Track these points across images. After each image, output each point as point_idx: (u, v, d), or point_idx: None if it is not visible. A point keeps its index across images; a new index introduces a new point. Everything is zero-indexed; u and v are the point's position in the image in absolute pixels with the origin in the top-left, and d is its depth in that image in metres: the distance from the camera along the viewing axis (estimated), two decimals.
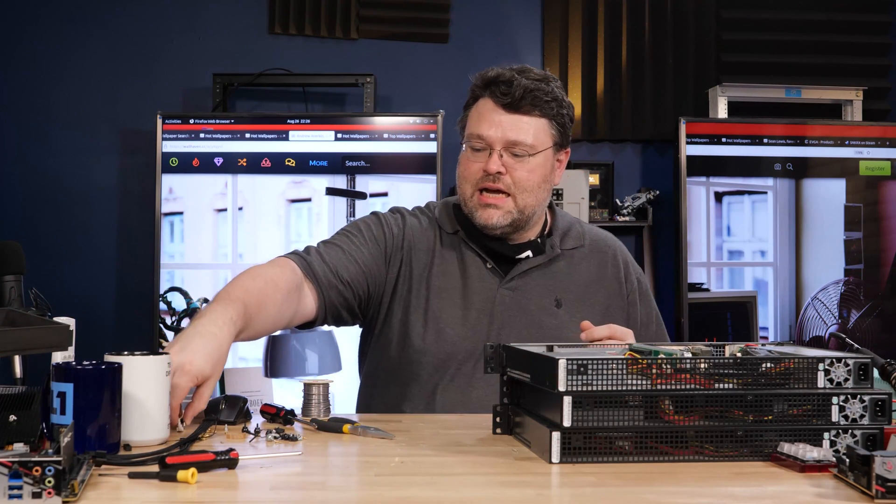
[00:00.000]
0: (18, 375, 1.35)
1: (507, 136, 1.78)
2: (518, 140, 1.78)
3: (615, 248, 1.95)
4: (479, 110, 1.82)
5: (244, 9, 4.06)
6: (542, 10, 4.13)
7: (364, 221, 1.91)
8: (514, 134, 1.78)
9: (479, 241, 1.86)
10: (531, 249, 1.86)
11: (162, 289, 3.62)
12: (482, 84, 1.82)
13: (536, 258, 1.86)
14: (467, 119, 1.85)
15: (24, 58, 4.00)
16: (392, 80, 4.02)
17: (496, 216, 1.79)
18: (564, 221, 1.94)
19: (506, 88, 1.78)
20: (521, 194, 1.79)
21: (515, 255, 1.85)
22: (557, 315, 1.83)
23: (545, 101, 1.79)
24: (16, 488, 0.93)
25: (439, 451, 1.30)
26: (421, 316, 1.82)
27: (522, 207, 1.80)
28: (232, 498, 1.03)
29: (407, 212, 1.95)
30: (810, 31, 4.15)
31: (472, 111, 1.84)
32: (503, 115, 1.78)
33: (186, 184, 3.66)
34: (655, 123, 4.09)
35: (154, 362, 1.28)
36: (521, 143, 1.78)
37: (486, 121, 1.79)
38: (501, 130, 1.78)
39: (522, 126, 1.78)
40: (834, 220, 3.78)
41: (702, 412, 1.20)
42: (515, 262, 1.85)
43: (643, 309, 1.92)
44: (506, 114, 1.78)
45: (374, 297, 1.85)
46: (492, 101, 1.80)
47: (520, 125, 1.78)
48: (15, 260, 1.51)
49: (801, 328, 3.75)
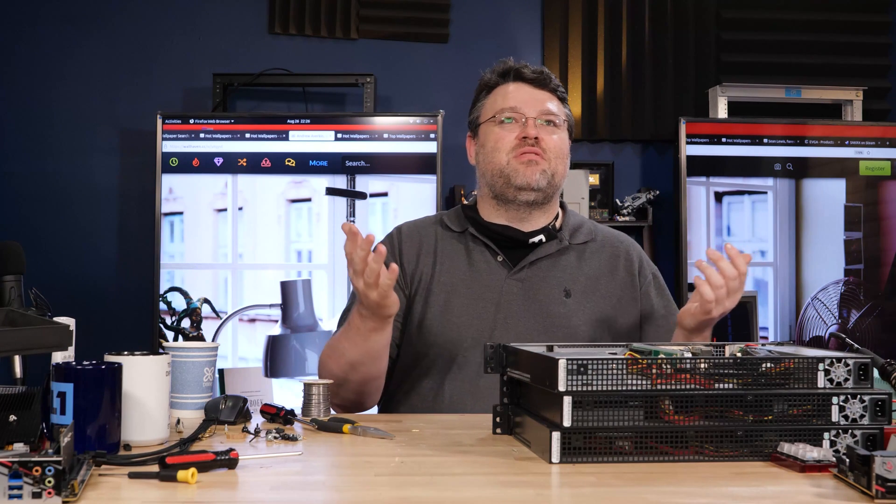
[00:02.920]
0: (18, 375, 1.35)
1: (540, 106, 1.87)
2: (551, 109, 1.87)
3: (628, 244, 1.97)
4: (504, 91, 1.90)
5: (244, 9, 4.06)
6: (542, 10, 4.13)
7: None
8: (546, 105, 1.87)
9: (490, 233, 1.88)
10: (544, 234, 1.88)
11: (162, 289, 3.62)
12: (501, 73, 1.92)
13: (547, 245, 1.88)
14: (485, 106, 1.92)
15: (24, 58, 4.00)
16: (392, 80, 4.02)
17: (537, 173, 1.84)
18: (576, 219, 1.98)
19: (531, 69, 1.90)
20: (553, 160, 1.86)
21: (529, 240, 1.87)
22: (566, 304, 1.84)
23: (559, 85, 1.92)
24: (16, 488, 0.93)
25: (439, 451, 1.30)
26: (430, 310, 1.84)
27: (554, 172, 1.86)
28: (232, 498, 1.03)
29: (404, 227, 1.97)
30: (810, 31, 4.15)
31: (493, 96, 1.92)
32: (534, 90, 1.89)
33: (186, 184, 3.66)
34: (655, 123, 4.09)
35: (154, 362, 1.28)
36: (553, 113, 1.87)
37: (518, 95, 1.88)
38: (534, 102, 1.87)
39: (551, 100, 1.89)
40: (834, 220, 3.78)
41: (702, 412, 1.20)
42: (527, 249, 1.87)
43: (661, 301, 1.93)
44: (535, 89, 1.89)
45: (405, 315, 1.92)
46: (518, 82, 1.90)
47: (549, 98, 1.89)
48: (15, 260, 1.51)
49: (801, 328, 3.75)
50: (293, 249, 3.66)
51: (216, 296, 3.61)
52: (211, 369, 1.59)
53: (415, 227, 1.95)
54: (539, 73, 1.89)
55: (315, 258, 3.65)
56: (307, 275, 3.63)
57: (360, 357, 1.72)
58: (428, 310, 1.85)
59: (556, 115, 1.87)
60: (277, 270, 3.64)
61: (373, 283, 1.57)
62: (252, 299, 3.62)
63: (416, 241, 1.92)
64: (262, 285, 3.62)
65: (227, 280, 3.64)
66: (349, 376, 1.75)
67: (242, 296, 3.62)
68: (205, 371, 1.58)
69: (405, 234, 1.94)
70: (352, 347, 1.72)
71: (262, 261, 3.65)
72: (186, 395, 1.55)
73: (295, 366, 3.60)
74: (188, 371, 1.56)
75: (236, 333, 3.61)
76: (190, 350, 1.58)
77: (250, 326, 3.62)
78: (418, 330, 1.85)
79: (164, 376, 1.29)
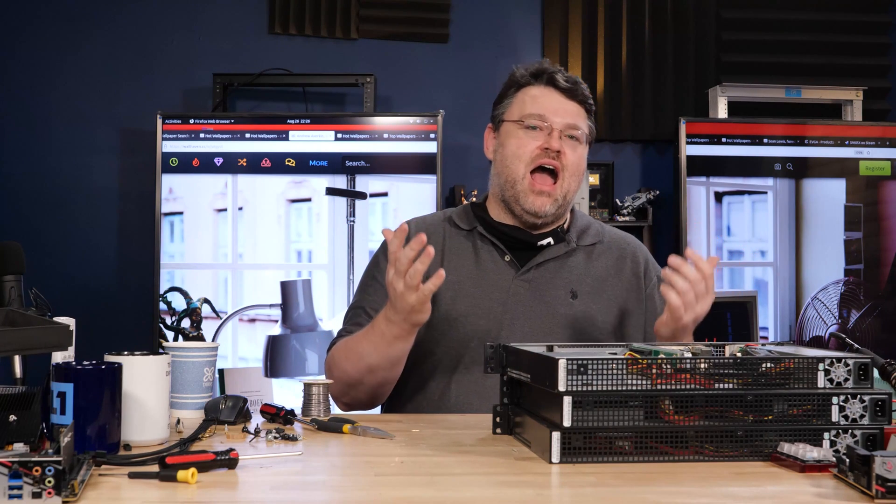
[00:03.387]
0: (18, 375, 1.35)
1: (569, 120, 1.84)
2: (577, 124, 1.85)
3: (635, 246, 1.97)
4: (534, 94, 1.87)
5: (244, 9, 4.06)
6: (542, 10, 4.13)
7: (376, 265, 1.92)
8: (574, 118, 1.85)
9: (499, 233, 1.88)
10: (552, 237, 1.88)
11: (162, 289, 3.62)
12: (533, 73, 1.89)
13: (555, 248, 1.88)
14: (512, 105, 1.89)
15: (24, 57, 4.00)
16: (392, 80, 4.02)
17: (547, 204, 1.83)
18: (584, 220, 1.97)
19: (564, 76, 1.86)
20: (568, 178, 1.84)
21: (537, 242, 1.87)
22: (572, 305, 1.84)
23: (588, 95, 1.89)
24: (16, 488, 0.93)
25: (439, 451, 1.30)
26: (437, 309, 1.82)
27: (565, 193, 1.85)
28: (232, 498, 1.03)
29: (413, 222, 1.96)
30: (810, 31, 4.15)
31: (520, 96, 1.89)
32: (563, 100, 1.86)
33: (186, 184, 3.66)
34: (655, 123, 4.09)
35: (154, 362, 1.28)
36: (578, 128, 1.85)
37: (547, 103, 1.85)
38: (563, 114, 1.84)
39: (579, 113, 1.87)
40: (834, 220, 3.78)
41: (702, 412, 1.20)
42: (535, 251, 1.87)
43: (664, 304, 1.92)
44: (566, 99, 1.86)
45: None
46: (550, 87, 1.86)
47: (577, 111, 1.86)
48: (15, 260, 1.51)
49: (801, 328, 3.75)
50: (293, 249, 3.66)
51: (216, 296, 3.61)
52: (211, 369, 1.59)
53: (423, 224, 1.93)
54: (573, 83, 1.86)
55: (315, 258, 3.65)
56: (307, 275, 3.63)
57: (380, 362, 1.72)
58: (435, 308, 1.83)
59: (581, 131, 1.85)
60: (277, 270, 3.63)
61: (414, 286, 1.57)
62: (252, 299, 3.62)
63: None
64: (262, 285, 3.62)
65: (227, 280, 3.64)
66: (365, 379, 1.75)
67: (242, 296, 3.62)
68: (205, 371, 1.58)
69: (413, 230, 1.93)
70: (373, 351, 1.71)
71: (262, 261, 3.65)
72: (186, 395, 1.55)
73: (295, 366, 3.60)
74: (188, 371, 1.56)
75: (236, 333, 3.61)
76: (190, 350, 1.58)
77: (250, 326, 3.62)
78: (425, 329, 1.84)
79: (164, 376, 1.29)
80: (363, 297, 1.90)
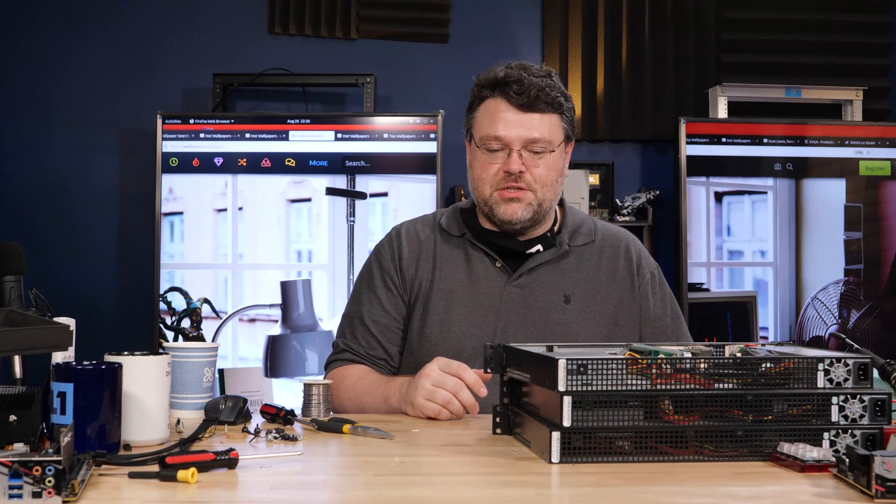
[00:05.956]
0: (18, 375, 1.35)
1: (526, 135, 1.78)
2: (537, 137, 1.78)
3: (628, 241, 1.94)
4: (490, 111, 1.81)
5: (244, 9, 4.06)
6: (542, 10, 4.13)
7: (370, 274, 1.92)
8: (533, 132, 1.78)
9: (488, 240, 1.86)
10: (541, 244, 1.86)
11: (162, 289, 3.62)
12: (490, 84, 1.81)
13: (546, 252, 1.86)
14: (475, 120, 1.85)
15: (23, 57, 4.00)
16: (392, 80, 4.02)
17: (520, 210, 1.80)
18: (576, 218, 1.94)
19: (519, 88, 1.77)
20: (541, 189, 1.81)
21: (526, 251, 1.85)
22: (566, 311, 1.83)
23: (555, 96, 1.79)
24: (16, 488, 0.93)
25: (439, 451, 1.30)
26: (430, 318, 1.83)
27: (542, 201, 1.81)
28: (232, 498, 1.03)
29: (403, 228, 1.95)
30: (810, 31, 4.15)
31: (480, 112, 1.84)
32: (519, 115, 1.78)
33: (186, 184, 3.66)
34: (655, 123, 4.09)
35: (154, 362, 1.28)
36: (539, 141, 1.79)
37: (502, 121, 1.78)
38: (519, 130, 1.78)
39: (539, 124, 1.79)
40: (834, 220, 3.78)
41: (702, 412, 1.20)
42: (525, 258, 1.85)
43: (657, 301, 1.91)
44: (521, 113, 1.78)
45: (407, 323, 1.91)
46: (505, 102, 1.79)
47: (536, 123, 1.79)
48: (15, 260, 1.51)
49: (801, 328, 3.75)
50: (293, 249, 3.66)
51: (216, 296, 3.61)
52: (211, 369, 1.59)
53: (414, 231, 1.92)
54: (525, 92, 1.76)
55: (315, 258, 3.65)
56: (307, 275, 3.63)
57: (375, 412, 1.73)
58: (427, 318, 1.84)
59: (543, 142, 1.78)
60: (277, 270, 3.64)
61: (447, 412, 1.57)
62: (252, 299, 3.62)
63: (416, 245, 1.90)
64: (262, 285, 3.63)
65: (227, 280, 3.64)
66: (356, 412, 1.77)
67: (242, 296, 3.62)
68: (205, 371, 1.58)
69: (405, 237, 1.92)
70: (372, 407, 1.73)
71: (262, 261, 3.65)
72: (186, 396, 1.56)
73: (295, 366, 3.60)
74: (188, 371, 1.56)
75: (236, 333, 3.61)
76: (190, 350, 1.58)
77: (250, 326, 3.62)
78: (419, 338, 1.84)
79: (164, 376, 1.29)
80: (360, 308, 1.90)
